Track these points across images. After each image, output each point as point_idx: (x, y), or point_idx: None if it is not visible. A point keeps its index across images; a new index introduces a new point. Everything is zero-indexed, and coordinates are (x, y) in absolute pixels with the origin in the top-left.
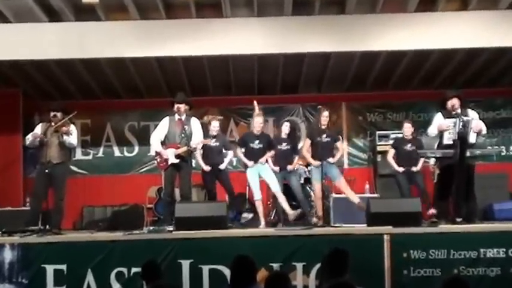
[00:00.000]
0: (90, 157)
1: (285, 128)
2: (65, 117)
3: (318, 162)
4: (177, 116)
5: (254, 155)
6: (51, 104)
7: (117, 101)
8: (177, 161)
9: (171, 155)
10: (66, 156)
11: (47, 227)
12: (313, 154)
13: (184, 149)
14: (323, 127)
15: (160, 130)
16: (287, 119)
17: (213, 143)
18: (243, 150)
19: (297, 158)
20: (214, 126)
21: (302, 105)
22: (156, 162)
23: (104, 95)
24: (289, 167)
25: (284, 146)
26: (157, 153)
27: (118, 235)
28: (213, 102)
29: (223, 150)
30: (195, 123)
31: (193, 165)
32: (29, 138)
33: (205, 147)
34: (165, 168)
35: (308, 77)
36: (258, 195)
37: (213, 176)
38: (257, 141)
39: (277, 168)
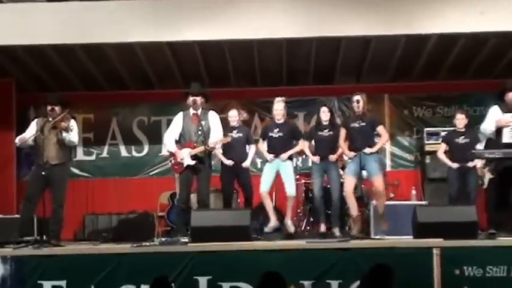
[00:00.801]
0: (93, 157)
1: (324, 114)
2: (64, 112)
3: (352, 153)
4: (192, 111)
5: (273, 146)
6: (48, 97)
7: (124, 92)
8: (193, 162)
9: (186, 156)
10: (66, 156)
11: (44, 237)
12: (349, 144)
13: (201, 148)
14: (358, 113)
15: (174, 127)
16: (323, 103)
17: (234, 134)
18: (265, 143)
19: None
20: (232, 115)
21: (338, 98)
22: (169, 164)
23: (109, 86)
24: (332, 157)
25: (326, 133)
26: (171, 154)
27: (125, 247)
28: (235, 94)
29: (246, 145)
30: (214, 118)
31: (212, 167)
32: (17, 142)
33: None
34: (180, 171)
35: (345, 65)
36: (263, 188)
37: (232, 175)
38: (276, 130)
39: (317, 158)
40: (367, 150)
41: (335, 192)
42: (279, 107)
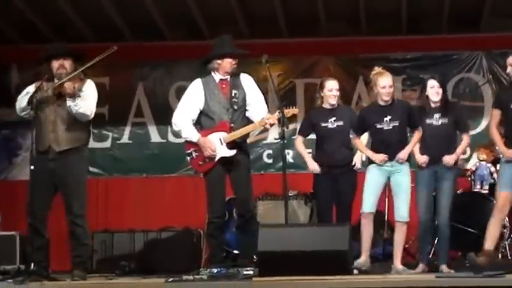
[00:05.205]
0: (107, 144)
1: (433, 91)
2: (77, 70)
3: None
4: (218, 76)
5: (384, 143)
6: (54, 48)
7: (157, 44)
8: (233, 152)
9: (219, 145)
10: (82, 138)
11: (33, 266)
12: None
13: (262, 123)
14: None
15: (192, 102)
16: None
17: (332, 122)
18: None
19: (466, 140)
20: (332, 87)
21: (486, 53)
22: (189, 159)
23: (134, 34)
24: (446, 159)
25: (437, 120)
26: (191, 144)
27: (156, 283)
28: (326, 47)
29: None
30: (249, 83)
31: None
32: (21, 105)
33: (319, 131)
34: (207, 169)
35: (499, 2)
36: (366, 206)
37: (328, 183)
38: (388, 118)
39: (424, 159)
40: None
41: (444, 211)
42: (385, 81)
